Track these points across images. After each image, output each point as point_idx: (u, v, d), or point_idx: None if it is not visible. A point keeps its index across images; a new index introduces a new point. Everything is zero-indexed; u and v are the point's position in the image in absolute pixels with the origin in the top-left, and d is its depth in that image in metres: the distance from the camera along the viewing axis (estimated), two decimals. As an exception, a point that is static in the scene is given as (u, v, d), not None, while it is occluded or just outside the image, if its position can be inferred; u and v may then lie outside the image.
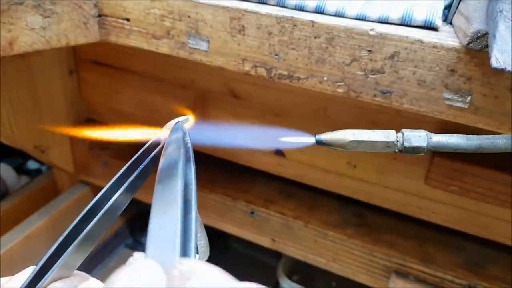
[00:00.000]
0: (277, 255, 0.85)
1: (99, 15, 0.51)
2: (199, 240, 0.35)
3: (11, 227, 0.80)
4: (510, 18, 0.32)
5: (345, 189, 0.73)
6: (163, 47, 0.49)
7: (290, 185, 0.80)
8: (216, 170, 0.84)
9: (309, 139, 0.33)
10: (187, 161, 0.27)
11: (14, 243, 0.77)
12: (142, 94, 0.79)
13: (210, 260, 0.91)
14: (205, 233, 0.35)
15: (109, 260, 0.94)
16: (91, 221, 0.27)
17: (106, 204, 0.27)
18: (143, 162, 0.29)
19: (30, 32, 0.46)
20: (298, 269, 0.89)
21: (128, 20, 0.49)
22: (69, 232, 0.27)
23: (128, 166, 0.29)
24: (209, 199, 0.80)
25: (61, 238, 0.27)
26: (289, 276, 0.86)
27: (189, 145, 0.29)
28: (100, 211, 0.27)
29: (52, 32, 0.48)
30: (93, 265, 0.91)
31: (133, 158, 0.30)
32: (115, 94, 0.81)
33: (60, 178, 0.95)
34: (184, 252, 0.21)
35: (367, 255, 0.71)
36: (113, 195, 0.28)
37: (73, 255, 0.26)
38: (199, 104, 0.74)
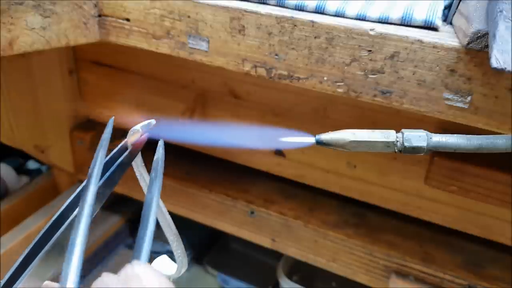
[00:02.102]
0: (277, 255, 0.85)
1: (99, 15, 0.51)
2: (176, 249, 0.35)
3: (11, 227, 0.80)
4: (510, 18, 0.32)
5: (345, 189, 0.72)
6: (163, 47, 0.49)
7: (290, 185, 0.80)
8: (216, 170, 0.84)
9: (309, 139, 0.33)
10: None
11: (14, 243, 0.77)
12: (142, 94, 0.79)
13: (211, 259, 0.91)
14: (181, 244, 0.35)
15: (109, 260, 0.94)
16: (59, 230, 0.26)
17: (72, 213, 0.27)
18: (109, 169, 0.29)
19: (30, 32, 0.46)
20: (298, 269, 0.89)
21: (128, 20, 0.49)
22: (36, 242, 0.26)
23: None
24: (209, 199, 0.80)
25: (27, 249, 0.26)
26: (289, 276, 0.86)
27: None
28: (66, 220, 0.27)
29: (52, 32, 0.48)
30: (93, 265, 0.91)
31: (101, 166, 0.29)
32: (115, 94, 0.81)
33: (60, 178, 0.95)
34: (139, 255, 0.23)
35: (367, 255, 0.71)
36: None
37: (41, 266, 0.26)
38: (199, 104, 0.74)
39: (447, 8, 0.43)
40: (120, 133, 0.32)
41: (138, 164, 0.32)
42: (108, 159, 0.30)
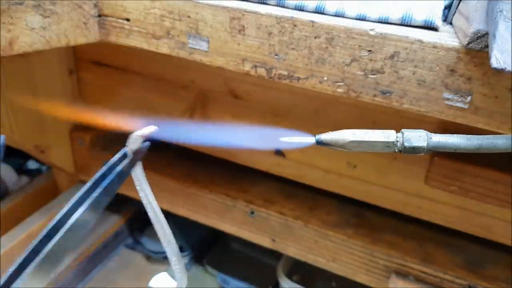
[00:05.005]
0: (277, 255, 0.85)
1: (99, 15, 0.51)
2: (175, 265, 0.34)
3: (11, 227, 0.80)
4: (510, 18, 0.32)
5: (345, 189, 0.72)
6: (163, 47, 0.49)
7: (290, 185, 0.80)
8: (216, 170, 0.84)
9: (309, 139, 0.33)
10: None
11: (14, 243, 0.77)
12: (142, 94, 0.79)
13: (211, 259, 0.91)
14: (182, 260, 0.35)
15: (109, 260, 0.94)
16: (53, 240, 0.25)
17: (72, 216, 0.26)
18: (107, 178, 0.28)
19: (30, 32, 0.46)
20: (298, 269, 0.89)
21: (128, 20, 0.49)
22: (29, 253, 0.25)
23: (94, 182, 0.28)
24: (209, 199, 0.80)
25: (20, 259, 0.25)
26: (289, 276, 0.86)
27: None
28: (65, 224, 0.26)
29: (52, 32, 0.48)
30: (93, 265, 0.91)
31: (98, 174, 0.28)
32: (115, 94, 0.81)
33: (60, 178, 0.95)
34: None
35: (367, 255, 0.71)
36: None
37: (33, 277, 0.25)
38: (199, 104, 0.74)
39: (447, 8, 0.43)
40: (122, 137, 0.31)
41: (138, 174, 0.32)
42: (107, 168, 0.28)
